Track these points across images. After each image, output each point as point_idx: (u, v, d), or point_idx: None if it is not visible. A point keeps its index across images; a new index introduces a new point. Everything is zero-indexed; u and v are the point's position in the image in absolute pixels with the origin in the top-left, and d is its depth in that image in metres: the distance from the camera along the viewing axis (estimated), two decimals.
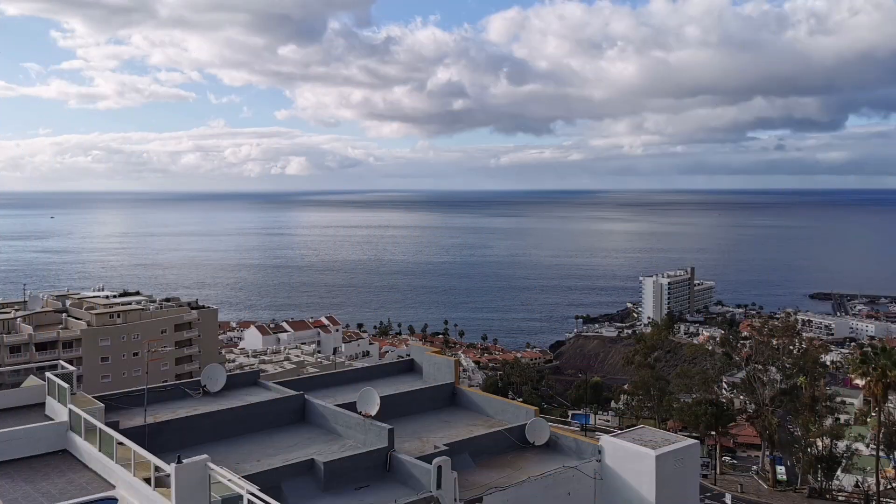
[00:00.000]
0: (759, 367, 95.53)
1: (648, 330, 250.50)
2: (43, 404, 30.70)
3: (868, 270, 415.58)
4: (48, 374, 30.62)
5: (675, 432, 55.71)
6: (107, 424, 25.57)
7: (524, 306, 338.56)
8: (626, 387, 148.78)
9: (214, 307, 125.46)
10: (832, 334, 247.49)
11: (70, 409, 27.25)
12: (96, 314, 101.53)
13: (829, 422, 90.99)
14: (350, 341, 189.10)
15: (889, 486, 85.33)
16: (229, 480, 19.83)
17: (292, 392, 32.53)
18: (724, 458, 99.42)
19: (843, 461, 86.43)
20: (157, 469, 21.41)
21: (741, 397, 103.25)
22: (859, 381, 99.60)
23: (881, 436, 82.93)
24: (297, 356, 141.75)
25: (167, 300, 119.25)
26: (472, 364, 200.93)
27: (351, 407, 29.44)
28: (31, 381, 32.73)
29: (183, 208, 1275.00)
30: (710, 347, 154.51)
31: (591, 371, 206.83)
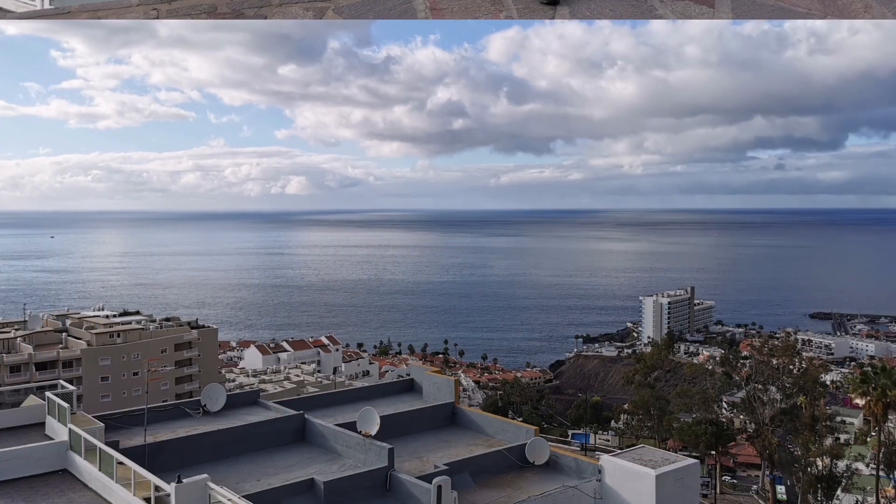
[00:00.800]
0: (759, 386, 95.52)
1: (648, 349, 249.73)
2: (43, 424, 30.70)
3: (868, 290, 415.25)
4: (48, 393, 30.67)
5: (675, 452, 55.61)
6: (107, 444, 25.61)
7: (524, 326, 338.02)
8: (626, 406, 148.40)
9: (214, 327, 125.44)
10: (832, 354, 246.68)
11: (70, 429, 27.30)
12: (96, 333, 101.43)
13: (829, 441, 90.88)
14: (350, 361, 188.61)
15: None
16: (229, 500, 19.90)
17: (292, 412, 32.48)
18: (724, 477, 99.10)
19: (843, 481, 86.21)
20: (157, 489, 21.48)
21: (741, 417, 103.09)
22: (859, 401, 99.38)
23: (881, 455, 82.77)
24: (297, 376, 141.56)
25: (167, 320, 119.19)
26: (472, 383, 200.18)
27: (351, 426, 29.43)
28: (31, 400, 32.75)
29: (183, 228, 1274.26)
30: (710, 367, 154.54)
31: (590, 390, 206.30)
